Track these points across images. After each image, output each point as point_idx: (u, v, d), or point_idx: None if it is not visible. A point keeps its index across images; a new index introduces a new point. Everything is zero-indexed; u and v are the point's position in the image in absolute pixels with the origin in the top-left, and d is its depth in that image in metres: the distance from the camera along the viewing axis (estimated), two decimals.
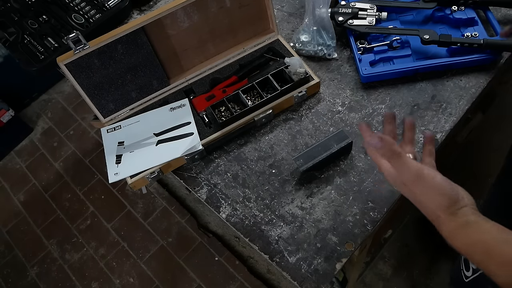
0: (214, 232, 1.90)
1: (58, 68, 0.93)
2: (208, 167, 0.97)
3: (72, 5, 1.27)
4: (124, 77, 1.00)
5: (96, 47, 0.91)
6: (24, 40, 1.22)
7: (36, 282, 1.92)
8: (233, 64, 1.08)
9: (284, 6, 1.21)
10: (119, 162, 0.96)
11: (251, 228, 0.88)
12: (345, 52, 1.09)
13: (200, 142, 0.95)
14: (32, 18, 1.26)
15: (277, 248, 0.85)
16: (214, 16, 1.01)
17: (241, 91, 1.00)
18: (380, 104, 0.99)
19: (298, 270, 0.82)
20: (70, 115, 2.40)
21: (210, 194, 0.94)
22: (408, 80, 1.01)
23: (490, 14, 1.03)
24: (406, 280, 1.62)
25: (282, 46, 1.08)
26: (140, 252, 1.91)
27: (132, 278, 1.86)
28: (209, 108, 0.99)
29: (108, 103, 1.02)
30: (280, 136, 0.99)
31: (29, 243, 2.03)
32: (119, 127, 1.02)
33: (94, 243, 1.97)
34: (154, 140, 0.98)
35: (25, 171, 2.24)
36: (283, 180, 0.93)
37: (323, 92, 1.03)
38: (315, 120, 1.00)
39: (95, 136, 2.29)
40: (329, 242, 0.84)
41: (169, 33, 0.99)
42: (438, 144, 0.92)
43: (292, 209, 0.89)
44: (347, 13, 1.04)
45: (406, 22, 1.07)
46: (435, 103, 0.97)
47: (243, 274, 1.77)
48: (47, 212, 2.09)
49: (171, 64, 1.05)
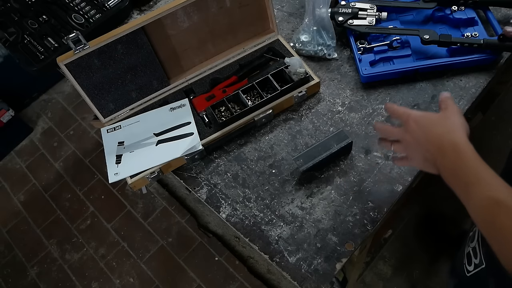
0: (214, 232, 1.90)
1: (58, 68, 0.93)
2: (208, 167, 0.97)
3: (72, 5, 1.27)
4: (124, 77, 1.00)
5: (96, 47, 0.91)
6: (24, 40, 1.22)
7: (36, 282, 1.92)
8: (233, 64, 1.08)
9: (284, 6, 1.21)
10: (119, 162, 0.96)
11: (251, 228, 0.88)
12: (345, 52, 1.09)
13: (200, 142, 0.95)
14: (32, 18, 1.26)
15: (277, 248, 0.85)
16: (214, 16, 1.01)
17: (241, 91, 1.00)
18: (380, 104, 0.99)
19: (298, 270, 0.82)
20: (70, 115, 2.39)
21: (210, 194, 0.94)
22: (408, 80, 1.01)
23: (490, 14, 1.03)
24: (406, 280, 1.62)
25: (282, 46, 1.08)
26: (140, 252, 1.91)
27: (132, 278, 1.86)
28: (209, 108, 0.99)
29: (108, 103, 1.02)
30: (280, 136, 0.99)
31: (29, 243, 2.02)
32: (119, 127, 1.02)
33: (94, 243, 1.97)
34: (154, 140, 0.98)
35: (25, 171, 2.24)
36: (283, 180, 0.93)
37: (323, 92, 1.03)
38: (315, 120, 1.00)
39: (95, 136, 2.28)
40: (329, 242, 0.84)
41: (169, 33, 0.99)
42: None
43: (292, 209, 0.89)
44: (347, 13, 1.04)
45: (406, 22, 1.07)
46: (435, 103, 0.97)
47: (243, 274, 1.77)
48: (47, 212, 2.09)
49: (171, 64, 1.05)
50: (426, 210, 1.75)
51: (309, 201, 0.89)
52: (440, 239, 1.67)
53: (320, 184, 0.91)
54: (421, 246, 1.68)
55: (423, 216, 1.74)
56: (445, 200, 1.74)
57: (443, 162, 0.61)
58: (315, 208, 0.88)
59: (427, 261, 1.63)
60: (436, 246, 1.65)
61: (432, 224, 1.72)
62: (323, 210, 0.88)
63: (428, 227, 1.72)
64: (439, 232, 1.70)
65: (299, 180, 0.92)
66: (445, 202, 1.75)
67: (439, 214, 1.74)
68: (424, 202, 1.75)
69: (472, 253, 0.77)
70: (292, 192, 0.91)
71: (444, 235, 1.67)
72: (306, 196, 0.90)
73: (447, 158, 0.60)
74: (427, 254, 1.65)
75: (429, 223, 1.73)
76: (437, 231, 1.70)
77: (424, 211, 1.74)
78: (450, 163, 0.60)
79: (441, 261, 1.63)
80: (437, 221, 1.73)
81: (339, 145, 0.88)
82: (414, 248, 1.68)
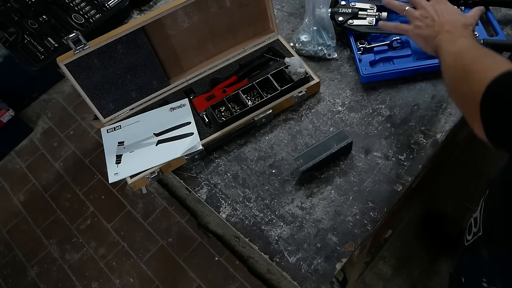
0: (214, 232, 1.90)
1: (58, 68, 0.93)
2: (208, 167, 0.97)
3: (72, 5, 1.27)
4: (124, 77, 1.00)
5: (96, 47, 0.91)
6: (24, 40, 1.22)
7: (36, 282, 1.92)
8: (233, 64, 1.08)
9: (284, 6, 1.21)
10: (119, 162, 0.96)
11: (251, 228, 0.88)
12: (345, 52, 1.09)
13: (200, 142, 0.95)
14: (32, 18, 1.26)
15: (277, 248, 0.85)
16: (214, 16, 1.01)
17: (241, 91, 1.00)
18: (380, 104, 0.99)
19: (298, 270, 0.82)
20: (70, 115, 2.39)
21: (210, 194, 0.94)
22: (408, 80, 1.01)
23: (490, 14, 1.02)
24: (406, 280, 1.62)
25: (282, 46, 1.08)
26: (140, 252, 1.91)
27: (132, 278, 1.86)
28: (209, 108, 0.99)
29: (108, 103, 1.02)
30: (280, 136, 0.99)
31: (29, 243, 2.02)
32: (119, 127, 1.02)
33: (94, 243, 1.97)
34: (154, 140, 0.98)
35: (25, 171, 2.24)
36: (283, 180, 0.93)
37: (323, 92, 1.03)
38: (315, 120, 0.99)
39: (95, 136, 2.28)
40: (329, 242, 0.84)
41: (169, 33, 0.99)
42: (438, 144, 0.92)
43: (292, 209, 0.89)
44: (347, 13, 1.04)
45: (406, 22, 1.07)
46: (435, 103, 0.97)
47: (243, 274, 1.77)
48: (47, 212, 2.09)
49: (171, 64, 1.05)
50: (426, 210, 1.75)
51: (309, 201, 0.89)
52: (440, 239, 1.67)
53: (320, 184, 0.91)
54: (421, 246, 1.68)
55: (423, 216, 1.74)
56: (445, 200, 1.75)
57: (446, 36, 0.75)
58: (315, 208, 0.88)
59: (427, 261, 1.63)
60: (436, 246, 1.65)
61: (432, 224, 1.72)
62: (323, 210, 0.88)
63: (428, 227, 1.72)
64: (439, 232, 1.70)
65: (299, 180, 0.92)
66: (445, 202, 1.75)
67: (439, 214, 1.74)
68: (424, 202, 1.75)
69: (473, 222, 0.79)
70: (292, 192, 0.91)
71: (444, 235, 1.67)
72: (306, 196, 0.90)
73: (451, 34, 0.75)
74: (427, 254, 1.65)
75: (429, 223, 1.73)
76: (437, 231, 1.70)
77: (424, 211, 1.74)
78: (453, 36, 0.74)
79: (441, 261, 1.63)
80: (437, 221, 1.73)
81: (339, 145, 0.88)
82: (414, 248, 1.68)
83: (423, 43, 0.82)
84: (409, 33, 0.85)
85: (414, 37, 0.85)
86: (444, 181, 1.77)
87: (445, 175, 1.77)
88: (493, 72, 0.54)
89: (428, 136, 0.93)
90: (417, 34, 0.83)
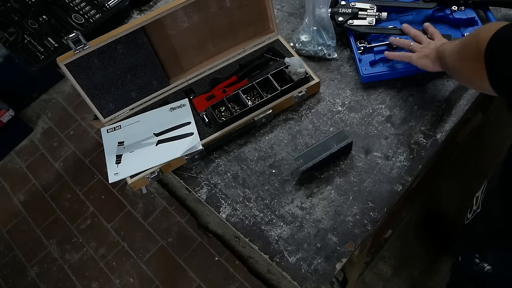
0: (214, 232, 1.90)
1: (58, 68, 0.93)
2: (208, 167, 0.97)
3: (72, 5, 1.27)
4: (124, 77, 1.00)
5: (96, 47, 0.91)
6: (24, 40, 1.22)
7: (36, 282, 1.92)
8: (233, 64, 1.08)
9: (284, 6, 1.21)
10: (119, 162, 0.96)
11: (251, 228, 0.88)
12: (345, 52, 1.09)
13: (200, 142, 0.95)
14: (32, 18, 1.26)
15: (277, 248, 0.85)
16: (214, 16, 1.01)
17: (241, 91, 1.00)
18: (380, 104, 0.99)
19: (298, 270, 0.82)
20: (70, 115, 2.39)
21: (210, 194, 0.94)
22: (408, 80, 1.01)
23: (490, 14, 1.03)
24: (406, 280, 1.62)
25: (282, 46, 1.08)
26: (140, 252, 1.91)
27: (132, 278, 1.86)
28: (209, 108, 0.99)
29: (108, 103, 1.02)
30: (280, 136, 0.99)
31: (29, 243, 2.02)
32: (119, 127, 1.02)
33: (94, 243, 1.97)
34: (154, 140, 0.98)
35: (25, 171, 2.24)
36: (283, 180, 0.93)
37: (323, 92, 1.03)
38: (315, 120, 0.99)
39: (95, 136, 2.28)
40: (329, 242, 0.84)
41: (169, 33, 0.99)
42: (438, 144, 0.92)
43: (292, 209, 0.89)
44: (347, 13, 1.04)
45: (406, 22, 1.07)
46: (435, 103, 0.97)
47: (243, 274, 1.77)
48: (47, 212, 2.09)
49: (171, 64, 1.05)
50: (426, 210, 1.74)
51: (309, 201, 0.89)
52: (440, 239, 1.67)
53: (320, 184, 0.91)
54: (421, 246, 1.68)
55: (423, 216, 1.73)
56: (445, 200, 1.75)
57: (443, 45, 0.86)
58: (315, 208, 0.88)
59: (427, 261, 1.63)
60: (436, 246, 1.65)
61: (432, 224, 1.72)
62: (323, 210, 0.88)
63: (428, 227, 1.72)
64: (439, 232, 1.69)
65: (299, 180, 0.92)
66: (445, 202, 1.75)
67: (439, 214, 1.74)
68: (424, 202, 1.75)
69: (474, 201, 0.83)
70: (292, 192, 0.91)
71: (444, 235, 1.67)
72: (306, 196, 0.90)
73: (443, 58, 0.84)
74: (427, 254, 1.65)
75: (429, 223, 1.73)
76: (437, 231, 1.70)
77: (424, 211, 1.74)
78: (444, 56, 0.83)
79: (441, 261, 1.63)
80: (437, 221, 1.73)
81: (339, 145, 0.88)
82: (414, 248, 1.68)
83: (426, 61, 0.89)
84: (413, 57, 0.92)
85: (417, 60, 0.91)
86: (444, 181, 1.77)
87: (445, 175, 1.77)
88: (497, 27, 0.60)
89: (428, 136, 0.93)
90: (419, 56, 0.90)
